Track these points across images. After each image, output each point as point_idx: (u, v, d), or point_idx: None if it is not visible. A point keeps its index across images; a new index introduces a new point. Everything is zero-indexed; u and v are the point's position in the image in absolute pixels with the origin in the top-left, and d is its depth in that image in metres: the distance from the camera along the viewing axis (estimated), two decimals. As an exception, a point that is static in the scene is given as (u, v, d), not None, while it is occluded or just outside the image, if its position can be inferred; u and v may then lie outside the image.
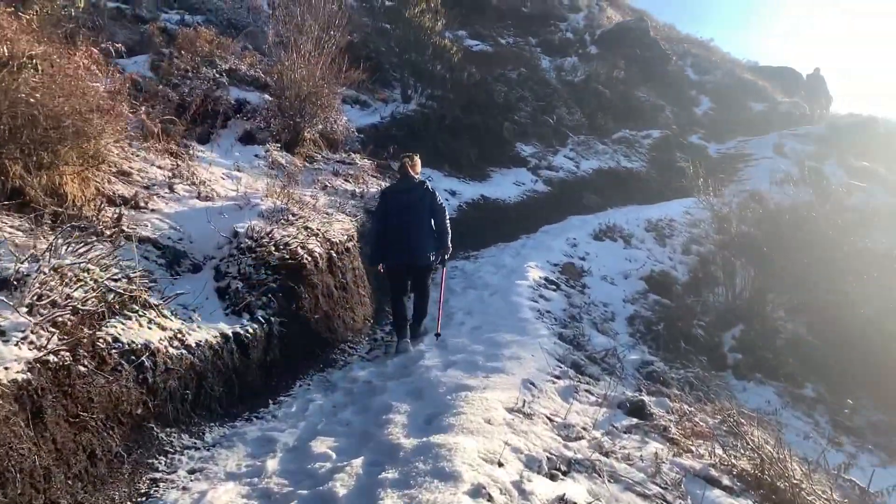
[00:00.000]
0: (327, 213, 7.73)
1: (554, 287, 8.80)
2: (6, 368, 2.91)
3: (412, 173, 6.77)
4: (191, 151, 7.88)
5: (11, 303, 3.15)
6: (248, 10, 13.52)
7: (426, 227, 6.49)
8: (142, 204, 5.90)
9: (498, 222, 12.57)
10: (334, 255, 6.80)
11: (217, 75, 9.81)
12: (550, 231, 12.92)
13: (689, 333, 9.33)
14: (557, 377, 5.38)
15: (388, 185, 8.36)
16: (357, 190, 9.38)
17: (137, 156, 6.90)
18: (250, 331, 5.08)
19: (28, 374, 2.99)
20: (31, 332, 3.17)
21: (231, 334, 4.91)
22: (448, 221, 6.68)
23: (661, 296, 9.95)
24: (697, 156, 18.85)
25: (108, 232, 4.94)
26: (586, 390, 5.30)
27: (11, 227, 4.38)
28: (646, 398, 5.45)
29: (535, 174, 14.78)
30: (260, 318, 5.26)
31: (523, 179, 14.30)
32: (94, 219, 5.07)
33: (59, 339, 3.29)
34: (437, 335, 6.37)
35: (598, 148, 16.96)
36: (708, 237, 12.80)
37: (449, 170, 13.72)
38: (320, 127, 10.80)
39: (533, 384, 5.01)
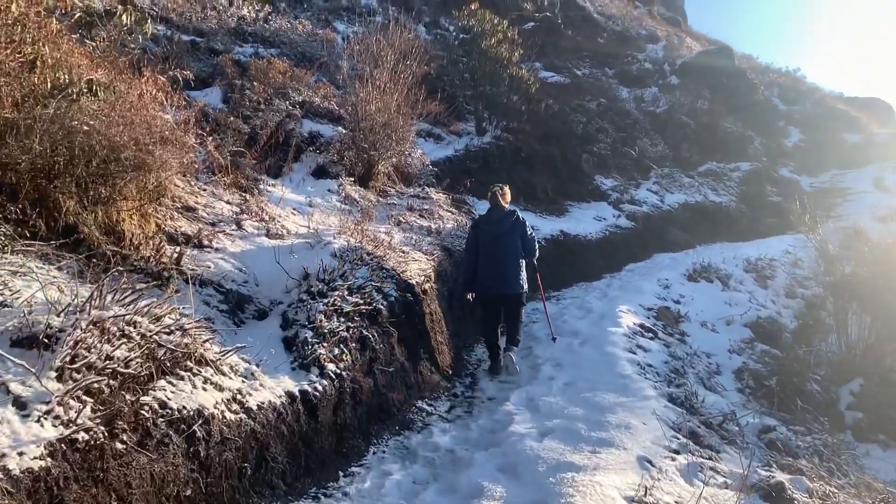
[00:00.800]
0: (403, 252, 7.11)
1: (651, 335, 7.91)
2: (20, 454, 2.32)
3: (502, 203, 6.85)
4: (261, 186, 7.43)
5: (35, 368, 2.57)
6: (322, 44, 13.28)
7: (517, 257, 6.67)
8: (205, 242, 5.40)
9: (579, 260, 11.76)
10: (410, 297, 6.16)
11: (290, 107, 9.44)
12: (637, 270, 12.01)
13: (803, 389, 8.25)
14: (676, 451, 4.52)
15: (476, 216, 8.56)
16: (433, 226, 8.76)
17: (204, 190, 6.47)
18: (319, 388, 4.44)
19: (49, 459, 2.39)
20: (59, 403, 2.59)
21: (298, 393, 4.28)
22: (537, 251, 7.01)
23: (768, 345, 8.90)
24: (790, 190, 17.64)
25: (165, 274, 4.42)
26: (711, 468, 4.42)
27: (59, 267, 3.90)
28: (781, 477, 4.54)
29: (616, 208, 13.93)
30: (331, 372, 4.62)
31: (604, 214, 13.46)
32: (152, 259, 4.57)
33: (93, 411, 2.71)
34: (554, 339, 7.45)
35: (683, 181, 15.97)
36: (815, 278, 11.63)
37: (525, 204, 13.02)
38: (395, 160, 10.30)
39: (650, 462, 4.18)
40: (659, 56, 23.11)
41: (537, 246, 6.98)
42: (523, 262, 6.72)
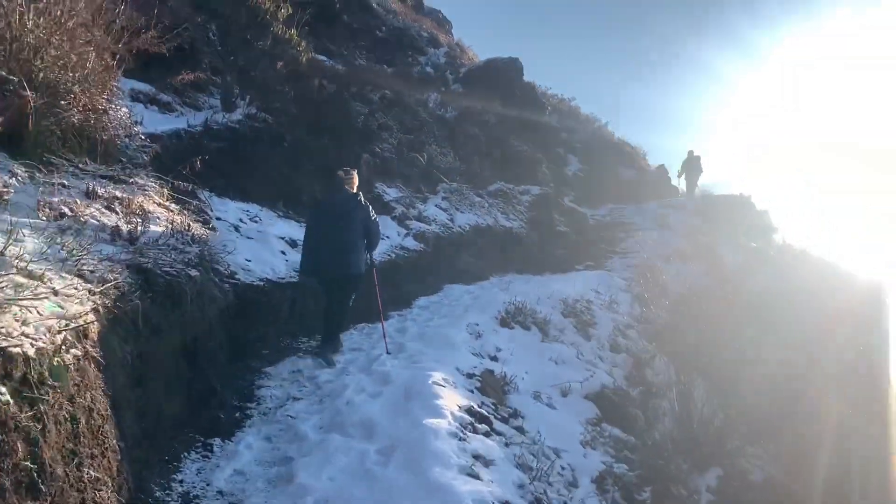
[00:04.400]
0: (33, 277, 3.30)
1: (485, 428, 4.94)
2: None
3: (347, 187, 6.82)
4: None
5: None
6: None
7: (358, 240, 6.66)
8: None
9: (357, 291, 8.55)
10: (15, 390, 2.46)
11: None
12: (431, 307, 9.14)
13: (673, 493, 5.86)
14: None
15: (210, 215, 7.40)
16: (124, 228, 4.97)
17: None
18: None
19: None
20: None
21: None
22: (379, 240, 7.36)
23: (620, 427, 6.47)
24: (576, 220, 16.23)
25: None
26: None
27: None
28: None
29: (402, 225, 11.00)
30: None
31: (387, 231, 10.41)
32: None
33: None
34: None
35: (473, 200, 13.59)
36: (635, 326, 9.70)
37: (284, 209, 9.61)
38: (78, 117, 6.26)
39: None
40: (441, 62, 20.99)
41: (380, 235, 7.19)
42: (363, 246, 6.75)
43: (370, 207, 6.76)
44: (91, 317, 3.43)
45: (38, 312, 3.03)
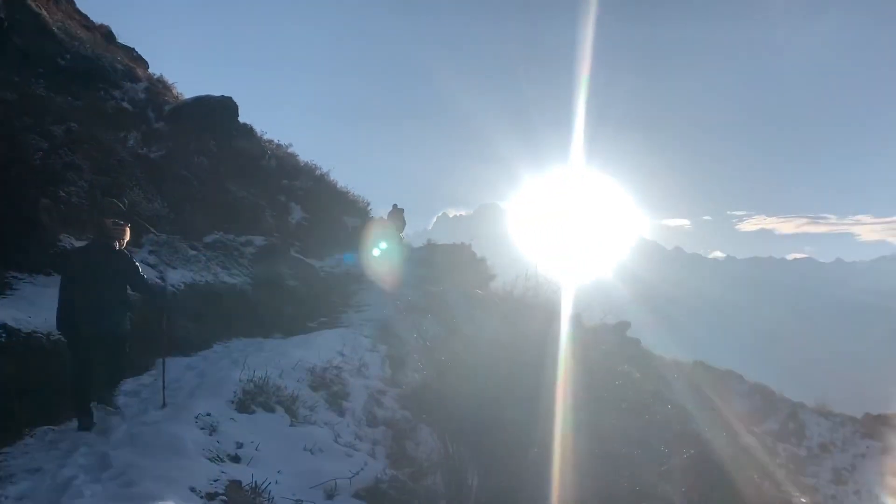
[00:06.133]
0: None
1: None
2: None
3: (114, 238, 6.37)
4: None
5: None
6: None
7: (122, 299, 6.33)
8: None
9: (32, 378, 6.35)
10: None
11: None
12: (143, 393, 7.20)
13: None
14: None
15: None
16: None
17: None
18: None
19: None
20: None
21: None
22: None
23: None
24: (306, 273, 15.01)
25: None
26: None
27: None
28: None
29: (98, 288, 8.76)
30: None
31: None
32: None
33: None
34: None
35: (188, 254, 11.67)
36: (388, 391, 8.74)
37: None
38: None
39: None
40: (141, 97, 18.42)
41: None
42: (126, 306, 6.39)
43: (137, 264, 6.55)
44: None
45: None
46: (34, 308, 7.30)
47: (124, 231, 6.43)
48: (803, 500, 17.14)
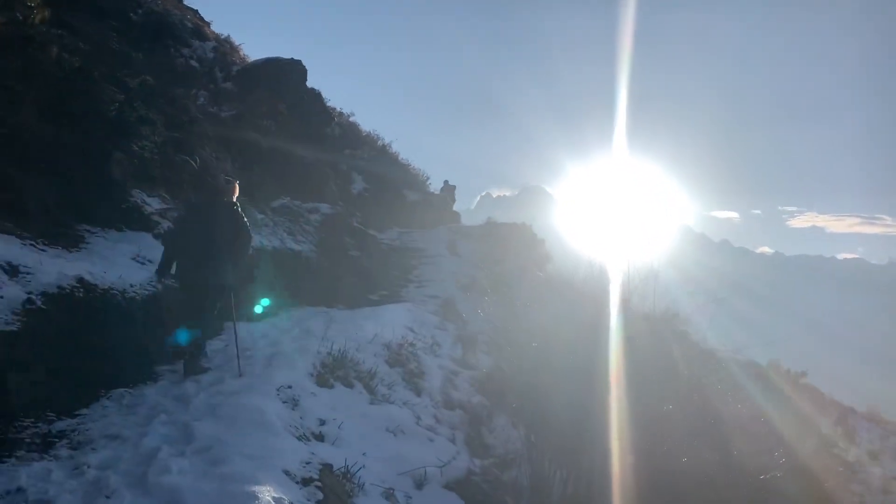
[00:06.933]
0: None
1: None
2: None
3: (223, 193, 6.67)
4: None
5: None
6: None
7: (228, 247, 6.44)
8: None
9: (113, 340, 6.07)
10: None
11: None
12: (215, 357, 6.89)
13: None
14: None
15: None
16: None
17: None
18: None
19: None
20: None
21: None
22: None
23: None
24: (368, 245, 14.66)
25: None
26: None
27: None
28: None
29: (169, 247, 8.49)
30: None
31: (153, 253, 7.90)
32: None
33: None
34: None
35: (256, 217, 11.36)
36: (462, 373, 8.32)
37: (3, 223, 6.76)
38: None
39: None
40: (209, 56, 18.20)
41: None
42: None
43: (245, 218, 6.74)
44: None
45: None
46: (107, 263, 7.04)
47: (234, 188, 6.84)
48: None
